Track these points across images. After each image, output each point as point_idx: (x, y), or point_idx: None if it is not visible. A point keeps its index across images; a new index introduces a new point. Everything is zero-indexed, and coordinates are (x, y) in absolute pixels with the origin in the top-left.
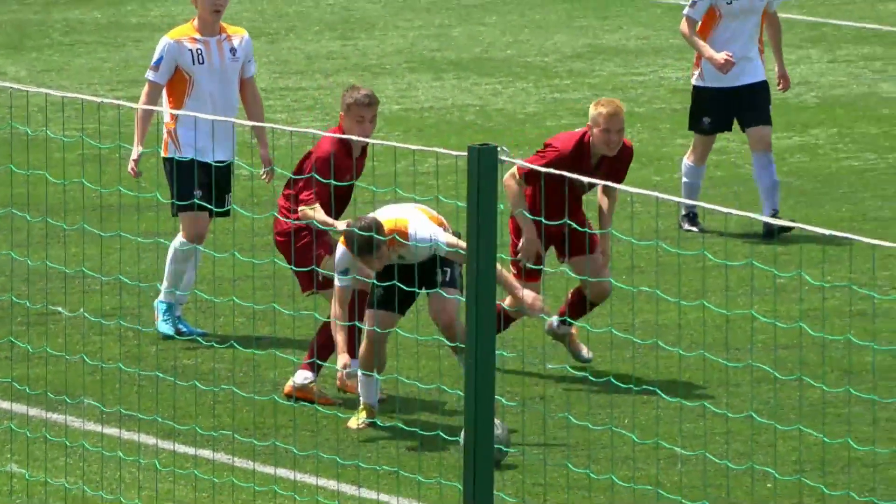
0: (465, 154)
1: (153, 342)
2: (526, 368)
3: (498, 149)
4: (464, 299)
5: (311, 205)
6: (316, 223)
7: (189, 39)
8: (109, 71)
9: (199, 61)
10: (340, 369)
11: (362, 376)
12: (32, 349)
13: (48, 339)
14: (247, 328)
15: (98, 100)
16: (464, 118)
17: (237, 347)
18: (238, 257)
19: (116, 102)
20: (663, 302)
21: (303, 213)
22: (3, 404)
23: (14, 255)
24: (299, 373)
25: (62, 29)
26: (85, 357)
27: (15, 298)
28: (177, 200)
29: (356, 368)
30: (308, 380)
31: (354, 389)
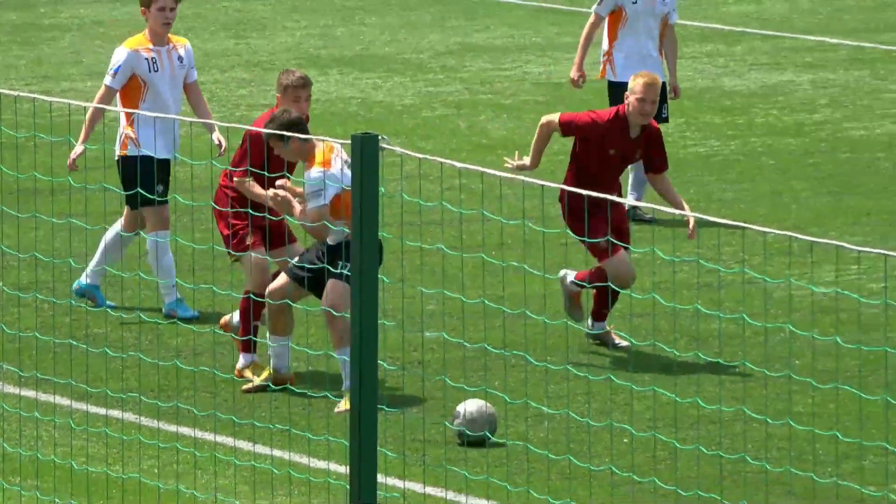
0: (349, 142)
1: (66, 313)
2: (406, 337)
3: (378, 137)
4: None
5: (243, 179)
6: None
7: (145, 49)
8: (24, 67)
9: (155, 69)
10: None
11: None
12: None
13: None
14: (151, 300)
15: (14, 93)
16: (347, 109)
17: (143, 318)
18: (143, 236)
19: (31, 96)
20: (529, 275)
21: (237, 183)
22: None
23: None
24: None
25: None
26: (4, 326)
27: None
28: (141, 194)
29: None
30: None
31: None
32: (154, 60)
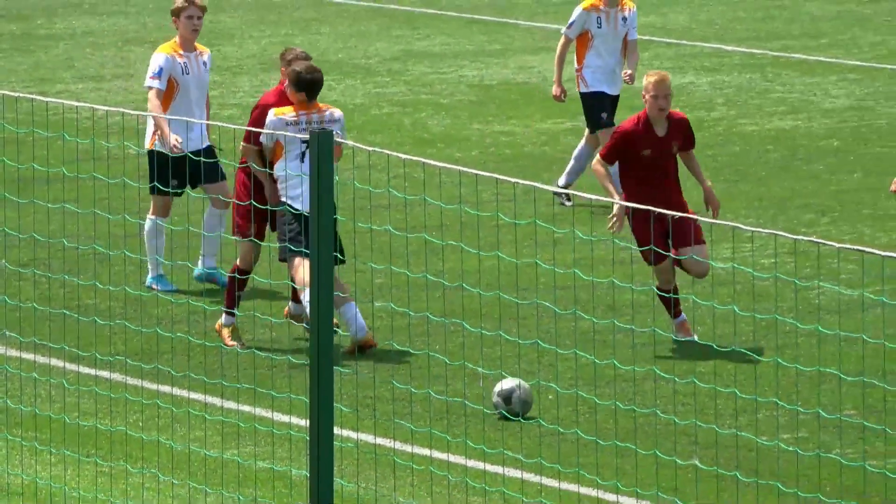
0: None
1: (61, 286)
2: (359, 307)
3: (333, 133)
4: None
5: (248, 153)
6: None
7: (177, 55)
8: (23, 72)
9: (186, 72)
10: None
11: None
12: None
13: None
14: (135, 275)
15: (15, 95)
16: None
17: (128, 291)
18: (128, 219)
19: (30, 97)
20: (466, 252)
21: (242, 148)
22: None
23: None
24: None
25: None
26: (6, 298)
27: None
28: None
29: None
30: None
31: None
32: (186, 65)
